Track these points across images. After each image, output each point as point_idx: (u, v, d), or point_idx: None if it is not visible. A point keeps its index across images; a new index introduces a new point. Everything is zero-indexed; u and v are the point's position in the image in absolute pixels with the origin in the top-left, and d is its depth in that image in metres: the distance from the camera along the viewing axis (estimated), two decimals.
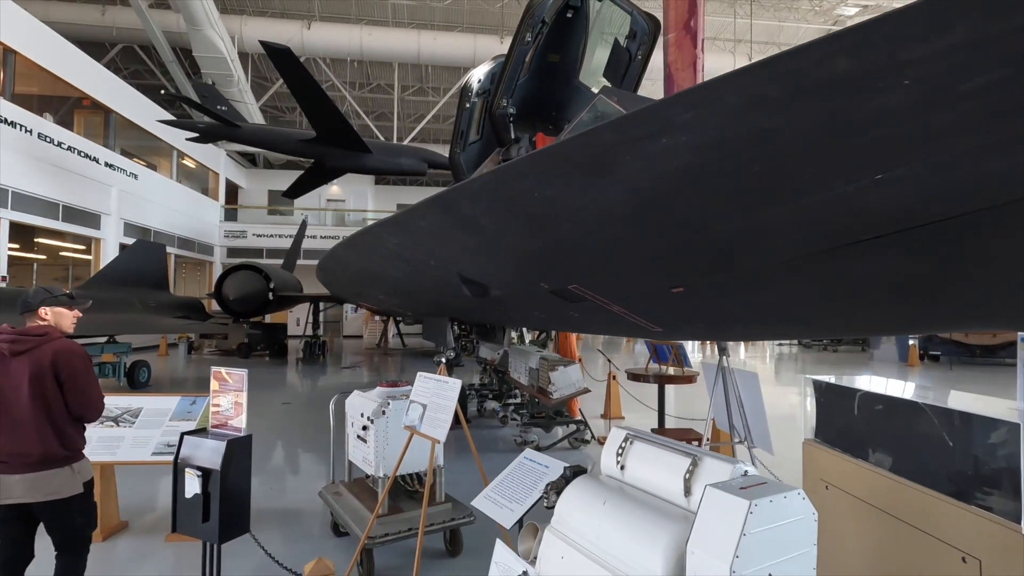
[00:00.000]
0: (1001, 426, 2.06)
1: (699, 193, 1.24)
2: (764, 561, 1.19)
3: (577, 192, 1.46)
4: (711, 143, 1.06)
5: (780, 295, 1.67)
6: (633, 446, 1.61)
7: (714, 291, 1.76)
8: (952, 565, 2.19)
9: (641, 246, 1.60)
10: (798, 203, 1.12)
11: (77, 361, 2.77)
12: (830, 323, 2.16)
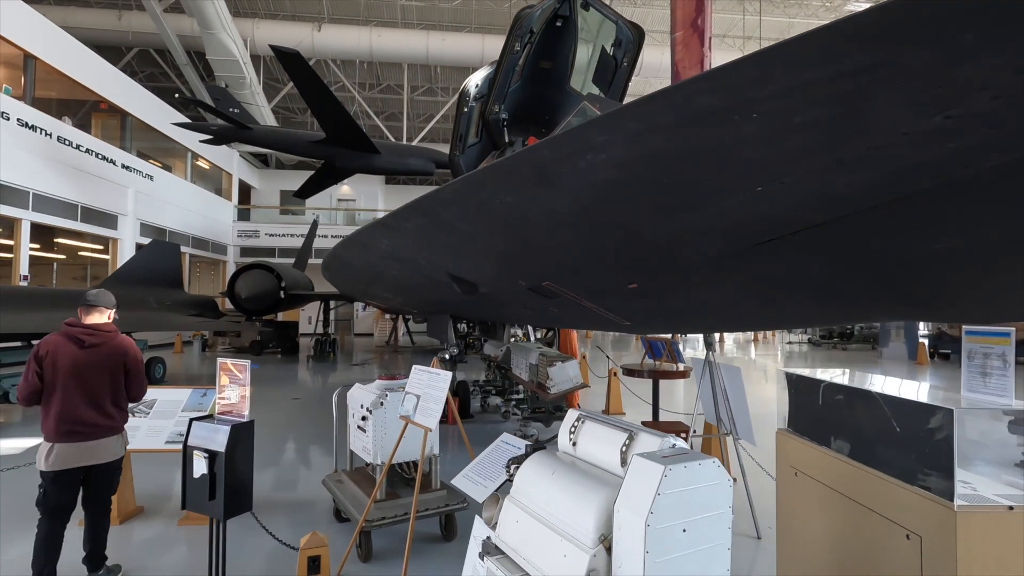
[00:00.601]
0: (938, 412, 2.22)
1: (625, 202, 1.42)
2: (677, 518, 1.38)
3: (529, 200, 1.65)
4: (624, 161, 1.24)
5: (713, 291, 1.84)
6: (584, 425, 1.80)
7: (662, 288, 1.94)
8: (898, 542, 2.35)
9: (590, 247, 1.79)
10: (705, 211, 1.30)
11: (139, 355, 3.67)
12: (761, 316, 2.33)
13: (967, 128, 0.83)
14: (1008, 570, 2.10)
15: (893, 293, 1.57)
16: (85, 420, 3.33)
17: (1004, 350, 2.24)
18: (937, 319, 2.18)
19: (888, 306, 1.82)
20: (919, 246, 1.23)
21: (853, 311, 2.13)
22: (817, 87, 0.85)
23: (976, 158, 0.89)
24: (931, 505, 2.19)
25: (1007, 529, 2.10)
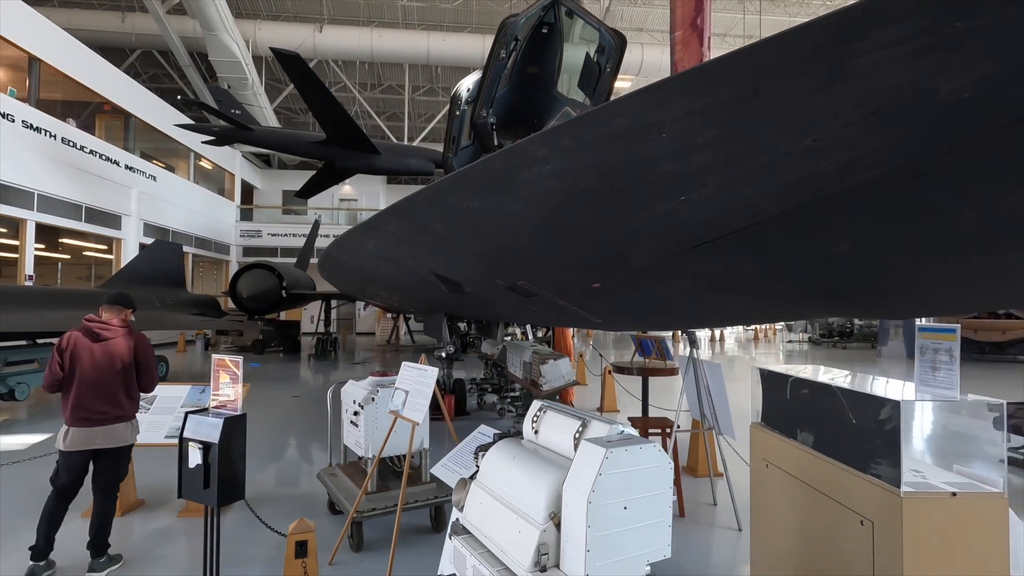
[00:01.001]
0: (887, 404, 2.35)
1: (574, 207, 1.55)
2: (618, 497, 1.50)
3: (492, 205, 1.78)
4: (565, 171, 1.37)
5: (665, 289, 1.97)
6: (545, 415, 1.93)
7: (621, 286, 2.07)
8: (854, 528, 2.48)
9: (551, 249, 1.92)
10: (643, 216, 1.43)
11: (149, 349, 4.04)
12: (713, 313, 2.46)
13: (831, 149, 0.96)
14: (952, 553, 2.22)
15: (816, 292, 1.70)
16: (97, 408, 3.69)
17: (951, 346, 2.36)
18: (862, 316, 2.32)
19: (817, 304, 1.95)
20: (824, 249, 1.36)
21: (791, 308, 2.26)
22: (709, 113, 0.97)
23: (845, 174, 1.02)
24: (881, 492, 2.31)
25: (950, 514, 2.22)
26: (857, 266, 1.41)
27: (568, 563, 1.51)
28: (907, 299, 1.75)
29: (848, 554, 2.51)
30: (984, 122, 0.82)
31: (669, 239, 1.51)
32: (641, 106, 1.05)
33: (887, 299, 1.87)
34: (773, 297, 1.89)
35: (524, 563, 1.54)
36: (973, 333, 18.85)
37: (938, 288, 1.62)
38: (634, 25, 28.94)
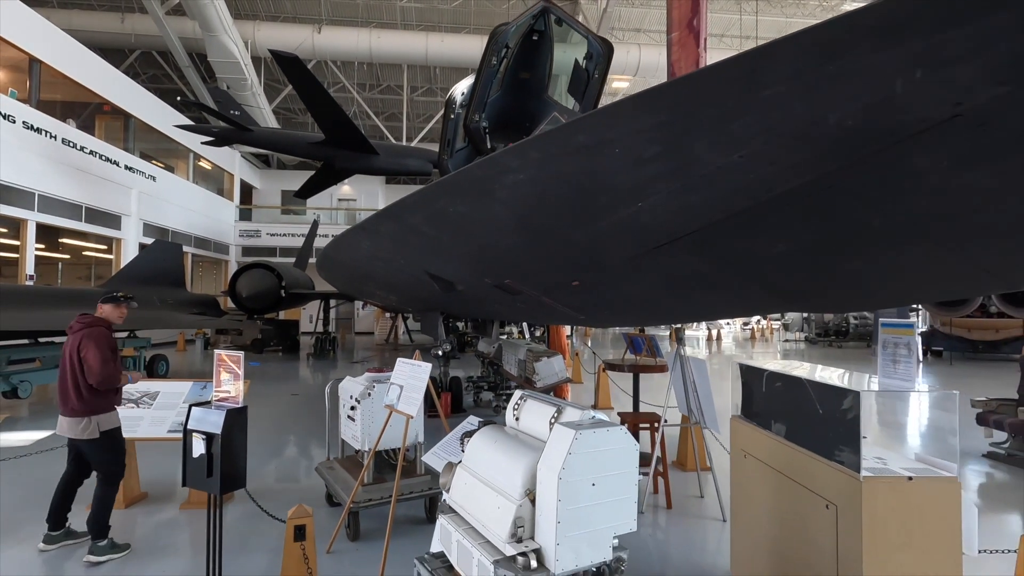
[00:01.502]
0: (848, 395, 2.50)
1: (547, 212, 1.70)
2: (586, 474, 1.65)
3: (475, 209, 1.93)
4: (536, 179, 1.52)
5: (636, 286, 2.12)
6: (525, 403, 2.08)
7: (597, 284, 2.21)
8: (820, 512, 2.63)
9: (531, 249, 2.06)
10: (608, 220, 1.57)
11: (90, 341, 3.91)
12: (682, 309, 2.61)
13: (755, 164, 1.10)
14: (909, 534, 2.37)
15: (765, 288, 1.85)
16: (63, 398, 3.94)
17: (909, 340, 2.52)
18: (810, 310, 2.47)
19: (771, 299, 2.10)
20: (764, 249, 1.51)
21: (747, 304, 2.42)
22: (652, 132, 1.12)
23: (771, 185, 1.16)
24: (843, 477, 2.47)
25: (907, 497, 2.37)
26: (793, 264, 1.57)
27: (541, 534, 1.66)
28: (843, 293, 1.90)
29: (815, 536, 2.66)
30: (867, 145, 0.96)
31: (633, 241, 1.66)
32: (596, 125, 1.19)
33: (827, 294, 2.02)
34: (729, 293, 2.04)
35: (502, 535, 1.69)
36: (967, 332, 18.97)
37: (863, 283, 1.77)
38: (632, 26, 29.08)
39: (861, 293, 1.88)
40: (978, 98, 0.80)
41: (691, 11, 16.02)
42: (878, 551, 2.35)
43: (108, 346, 4.00)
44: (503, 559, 1.66)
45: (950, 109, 0.84)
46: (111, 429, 4.05)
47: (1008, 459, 6.57)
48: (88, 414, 3.92)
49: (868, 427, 2.52)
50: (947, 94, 0.82)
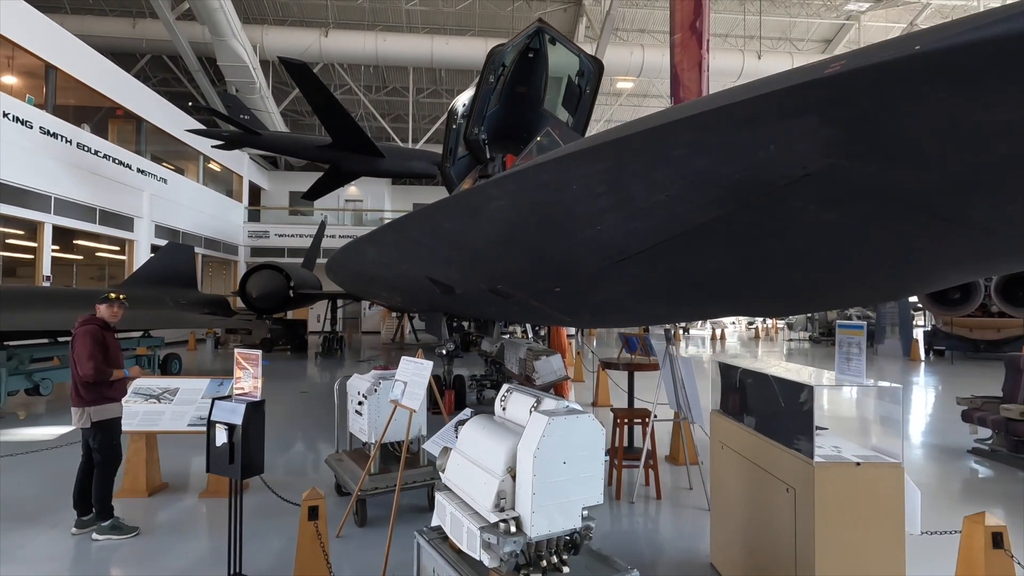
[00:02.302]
0: (804, 388, 2.77)
1: (524, 231, 1.99)
2: (558, 454, 1.93)
3: (467, 227, 2.21)
4: (513, 206, 1.81)
5: (609, 293, 2.40)
6: (511, 395, 2.36)
7: (575, 291, 2.49)
8: (782, 495, 2.90)
9: (516, 260, 2.34)
10: (576, 238, 1.85)
11: (78, 338, 4.32)
12: (649, 312, 2.89)
13: (678, 201, 1.38)
14: (857, 514, 2.65)
15: (713, 296, 2.12)
16: (71, 392, 4.35)
17: (859, 340, 2.79)
18: (756, 315, 2.74)
19: (723, 305, 2.38)
20: (703, 265, 1.78)
21: (701, 309, 2.71)
22: (598, 175, 1.40)
23: (694, 216, 1.44)
24: (799, 463, 2.74)
25: (855, 481, 2.65)
26: (722, 276, 1.84)
27: (520, 505, 1.94)
28: (777, 301, 2.18)
29: (778, 518, 2.94)
30: (754, 191, 1.24)
31: (598, 256, 1.93)
32: (557, 167, 1.48)
33: (751, 301, 2.30)
34: (684, 300, 2.32)
35: (487, 506, 1.98)
36: (968, 331, 19.01)
37: (773, 293, 2.05)
38: (636, 26, 29.28)
39: (772, 301, 2.17)
40: (816, 165, 1.08)
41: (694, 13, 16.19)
42: (829, 529, 2.62)
43: (96, 343, 4.33)
44: (487, 525, 1.95)
45: (800, 171, 1.11)
46: (102, 420, 4.37)
47: (991, 455, 6.80)
48: (82, 405, 4.32)
49: (835, 420, 2.79)
50: (795, 162, 1.09)
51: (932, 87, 0.83)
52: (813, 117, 0.96)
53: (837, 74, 0.87)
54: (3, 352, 8.74)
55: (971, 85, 0.80)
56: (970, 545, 2.76)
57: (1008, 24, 0.72)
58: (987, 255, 1.35)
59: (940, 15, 28.41)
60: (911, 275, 1.69)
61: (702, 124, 1.10)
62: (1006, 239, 1.22)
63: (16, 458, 6.20)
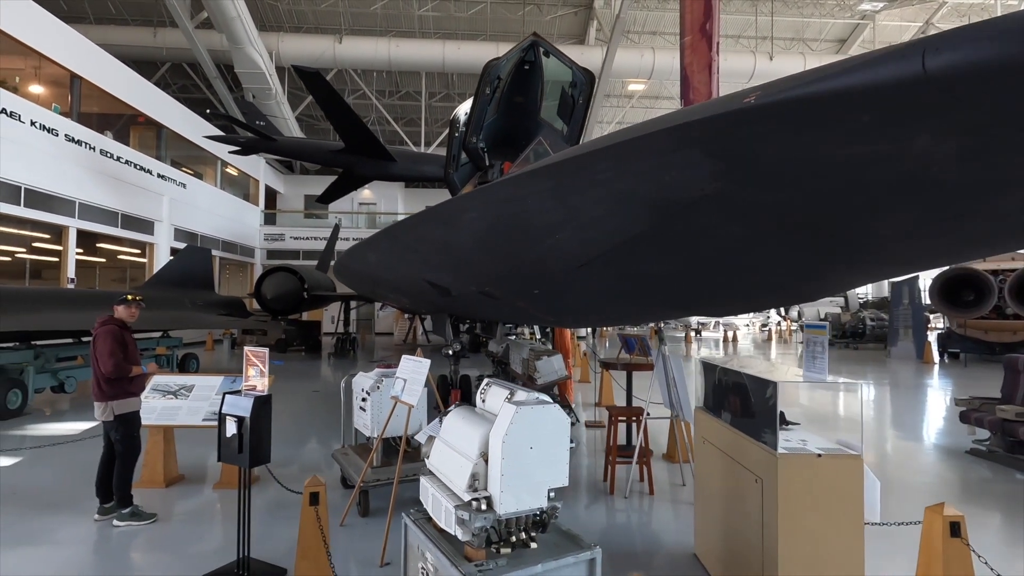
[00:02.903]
0: (769, 385, 2.95)
1: (497, 238, 2.20)
2: (526, 439, 2.13)
3: (450, 234, 2.43)
4: (484, 217, 2.02)
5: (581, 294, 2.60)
6: (490, 388, 2.57)
7: (551, 292, 2.69)
8: (751, 485, 3.08)
9: (495, 264, 2.56)
10: (541, 245, 2.06)
11: (100, 336, 4.62)
12: (621, 313, 3.09)
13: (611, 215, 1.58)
14: (817, 502, 2.81)
15: (663, 299, 2.31)
16: (93, 388, 4.65)
17: (823, 339, 2.95)
18: (704, 315, 2.91)
19: (673, 308, 2.57)
20: (648, 269, 1.97)
21: (654, 311, 2.90)
22: (547, 192, 1.61)
23: (627, 228, 1.64)
24: (766, 454, 2.92)
25: (816, 471, 2.81)
26: (670, 281, 2.04)
27: (491, 485, 2.15)
28: (722, 303, 2.36)
29: (747, 507, 3.11)
30: (670, 207, 1.44)
31: (562, 260, 2.13)
32: (515, 184, 1.68)
33: (705, 302, 2.49)
34: (641, 301, 2.51)
35: (462, 486, 2.19)
36: (983, 334, 18.73)
37: (707, 295, 2.24)
38: (647, 28, 29.37)
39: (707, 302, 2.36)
40: (710, 187, 1.27)
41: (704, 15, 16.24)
42: (791, 516, 2.79)
43: (116, 341, 4.61)
44: (462, 503, 2.16)
45: (699, 192, 1.31)
46: (124, 414, 4.67)
47: (989, 455, 6.85)
48: (105, 399, 4.60)
49: (812, 415, 2.97)
50: (692, 184, 1.29)
51: (764, 131, 1.03)
52: (695, 151, 1.16)
53: (703, 118, 1.07)
54: (31, 351, 9.16)
55: (788, 130, 1.00)
56: (930, 534, 2.91)
57: (800, 90, 0.92)
58: (861, 262, 1.54)
59: (957, 13, 28.10)
60: (807, 279, 1.88)
61: (616, 154, 1.30)
62: (870, 250, 1.40)
63: (43, 450, 6.55)
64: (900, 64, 0.78)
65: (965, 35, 0.73)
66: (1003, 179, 0.95)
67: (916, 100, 0.81)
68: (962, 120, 0.82)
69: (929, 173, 0.97)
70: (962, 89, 0.75)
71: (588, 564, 2.24)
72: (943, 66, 0.73)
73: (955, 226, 1.19)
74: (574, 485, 5.75)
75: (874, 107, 0.85)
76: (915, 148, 0.90)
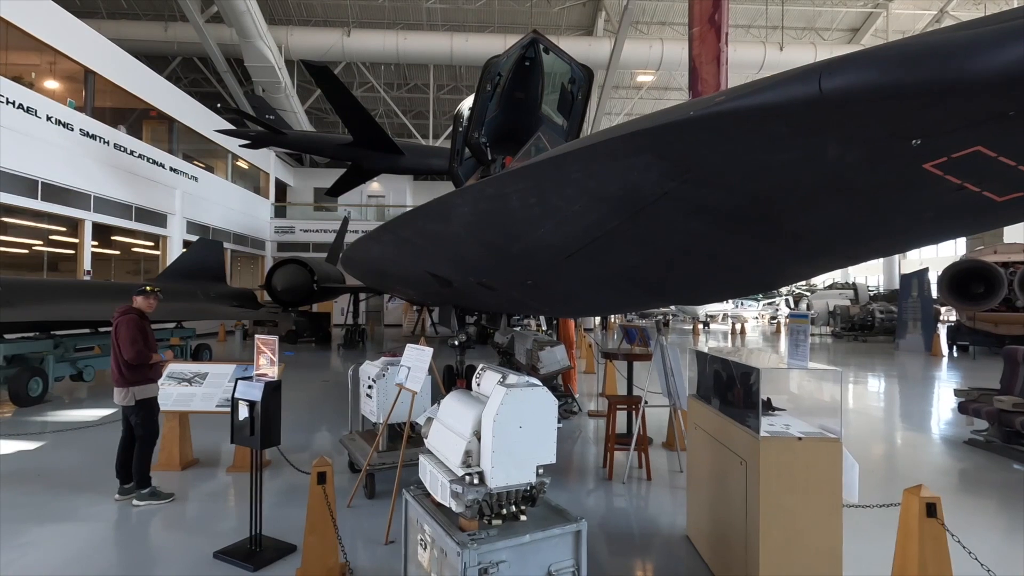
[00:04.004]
0: (752, 372, 3.08)
1: (487, 232, 2.35)
2: (515, 419, 2.29)
3: (444, 228, 2.58)
4: (475, 212, 2.17)
5: (569, 284, 2.75)
6: (484, 373, 2.73)
7: (542, 283, 2.84)
8: (736, 467, 3.22)
9: (487, 256, 2.71)
10: (530, 238, 2.20)
11: (122, 325, 4.82)
12: (609, 302, 3.23)
13: (587, 211, 1.72)
14: (796, 483, 2.95)
15: (644, 288, 2.45)
16: (113, 374, 4.84)
17: (805, 328, 3.08)
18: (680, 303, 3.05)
19: (652, 297, 2.71)
20: (625, 260, 2.11)
21: (637, 300, 3.05)
22: (528, 189, 1.75)
23: (604, 223, 1.78)
24: (749, 438, 3.06)
25: (796, 453, 2.95)
26: (646, 270, 2.18)
27: (483, 461, 2.31)
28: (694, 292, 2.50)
29: (733, 489, 3.26)
30: (636, 204, 1.58)
31: (550, 253, 2.28)
32: (499, 182, 1.83)
33: (686, 291, 2.63)
34: (623, 291, 2.65)
35: (456, 462, 2.35)
36: (993, 326, 18.56)
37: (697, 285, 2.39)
38: (657, 19, 29.20)
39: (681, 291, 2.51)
40: (668, 187, 1.41)
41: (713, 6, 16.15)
42: (772, 496, 2.93)
43: (137, 329, 4.82)
44: (456, 478, 2.33)
45: (659, 191, 1.44)
46: (145, 399, 4.88)
47: (986, 446, 6.93)
48: (126, 385, 4.79)
49: (801, 401, 3.12)
50: (653, 184, 1.43)
51: (704, 139, 1.17)
52: (648, 155, 1.30)
53: (652, 127, 1.21)
54: (51, 341, 9.45)
55: (723, 140, 1.13)
56: (908, 514, 3.04)
57: (725, 105, 1.05)
58: (806, 254, 1.67)
59: (972, 2, 27.67)
60: (764, 269, 2.01)
61: (584, 157, 1.44)
62: (813, 242, 1.53)
63: (65, 434, 6.82)
64: (802, 85, 0.91)
65: (855, 61, 0.86)
66: (902, 182, 1.08)
67: (816, 115, 0.94)
68: (856, 132, 0.95)
69: (843, 176, 1.11)
70: (853, 107, 0.88)
71: (574, 536, 2.39)
72: (835, 87, 0.87)
73: (880, 221, 1.32)
74: (575, 470, 5.92)
75: (786, 121, 0.99)
76: (827, 155, 1.04)
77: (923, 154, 0.96)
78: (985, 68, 0.77)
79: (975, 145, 0.91)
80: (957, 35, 0.81)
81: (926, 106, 0.83)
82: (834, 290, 32.97)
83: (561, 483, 5.44)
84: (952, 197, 1.10)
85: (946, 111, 0.83)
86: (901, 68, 0.80)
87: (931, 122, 0.87)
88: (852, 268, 37.76)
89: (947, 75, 0.78)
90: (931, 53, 0.80)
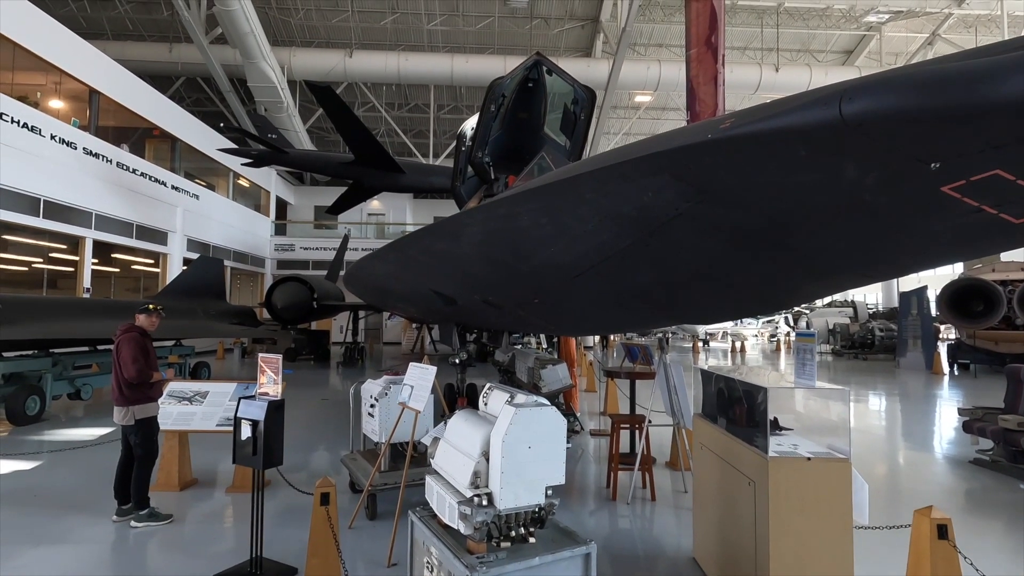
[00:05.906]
0: (760, 391, 3.07)
1: (495, 251, 2.36)
2: (524, 439, 2.27)
3: (452, 247, 2.59)
4: (484, 231, 2.18)
5: (576, 304, 2.75)
6: (492, 392, 2.72)
7: (549, 302, 2.84)
8: (744, 488, 3.19)
9: (495, 275, 2.72)
10: (538, 257, 2.21)
11: (124, 343, 4.79)
12: (617, 321, 3.24)
13: (600, 231, 1.74)
14: (805, 504, 2.92)
15: (653, 306, 2.45)
16: (113, 392, 4.79)
17: (811, 347, 3.07)
18: (689, 322, 3.05)
19: (660, 315, 2.72)
20: (637, 279, 2.12)
21: (645, 318, 3.05)
22: (540, 210, 1.77)
23: (616, 242, 1.79)
24: (758, 458, 3.03)
25: (805, 474, 2.93)
26: (657, 289, 2.18)
27: (492, 482, 2.29)
28: (704, 310, 2.50)
29: (741, 509, 3.22)
30: (650, 224, 1.59)
31: (559, 271, 2.29)
32: (510, 202, 1.85)
33: (696, 311, 2.63)
34: (632, 309, 2.66)
35: (464, 483, 2.33)
36: (994, 344, 18.52)
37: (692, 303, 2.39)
38: (654, 41, 29.66)
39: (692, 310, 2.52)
40: (683, 207, 1.42)
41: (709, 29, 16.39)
42: (781, 518, 2.90)
43: (139, 348, 4.79)
44: (464, 499, 2.30)
45: (674, 210, 1.46)
46: (144, 418, 4.83)
47: (992, 465, 6.88)
48: (126, 404, 4.74)
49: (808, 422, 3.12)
50: (668, 204, 1.44)
51: (722, 161, 1.18)
52: (664, 176, 1.31)
53: (670, 149, 1.22)
54: (49, 359, 9.40)
55: (741, 162, 1.15)
56: (919, 536, 3.01)
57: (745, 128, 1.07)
58: (821, 274, 1.68)
59: (964, 24, 28.13)
60: (776, 289, 2.02)
61: (598, 177, 1.46)
62: (828, 262, 1.54)
63: (62, 454, 6.75)
64: (822, 109, 0.93)
65: (874, 85, 0.88)
66: (919, 204, 1.09)
67: (836, 139, 0.95)
68: (875, 155, 0.97)
69: (860, 197, 1.12)
70: (872, 130, 0.90)
71: (584, 559, 2.36)
72: (856, 112, 0.88)
73: (896, 242, 1.33)
74: (578, 490, 5.85)
75: (805, 144, 1.00)
76: (844, 177, 1.05)
77: (942, 177, 0.97)
78: (1007, 94, 0.78)
79: (994, 169, 0.92)
80: (977, 62, 0.83)
81: (947, 130, 0.84)
82: (833, 308, 32.95)
83: (564, 503, 5.38)
84: (969, 219, 1.11)
85: (967, 135, 0.85)
86: (923, 93, 0.81)
87: (951, 146, 0.89)
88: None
89: (970, 100, 0.79)
90: (953, 79, 0.81)
